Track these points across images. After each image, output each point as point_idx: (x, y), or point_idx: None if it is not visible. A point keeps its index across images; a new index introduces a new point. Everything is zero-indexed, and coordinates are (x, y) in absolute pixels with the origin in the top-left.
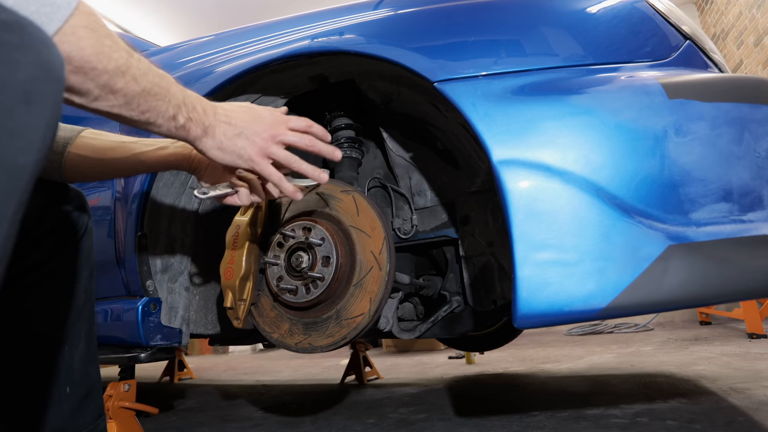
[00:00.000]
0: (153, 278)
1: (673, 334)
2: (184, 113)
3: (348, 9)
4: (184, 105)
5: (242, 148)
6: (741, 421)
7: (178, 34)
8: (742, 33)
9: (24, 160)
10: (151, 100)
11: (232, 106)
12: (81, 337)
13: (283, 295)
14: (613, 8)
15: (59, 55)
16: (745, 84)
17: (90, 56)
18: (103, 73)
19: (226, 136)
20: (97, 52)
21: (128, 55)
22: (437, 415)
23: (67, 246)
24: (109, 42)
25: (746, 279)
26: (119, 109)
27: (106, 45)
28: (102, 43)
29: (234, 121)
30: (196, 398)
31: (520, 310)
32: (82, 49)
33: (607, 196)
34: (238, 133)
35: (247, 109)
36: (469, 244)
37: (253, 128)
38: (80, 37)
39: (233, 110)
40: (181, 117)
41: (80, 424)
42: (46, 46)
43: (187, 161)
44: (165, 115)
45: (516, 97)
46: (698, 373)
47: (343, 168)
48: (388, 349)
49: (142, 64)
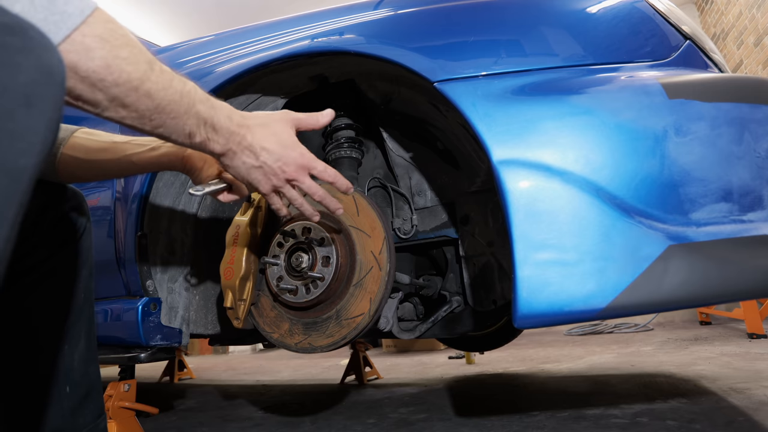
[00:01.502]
0: (153, 278)
1: (673, 334)
2: (202, 133)
3: (348, 9)
4: (205, 126)
5: (257, 180)
6: (741, 421)
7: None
8: (742, 33)
9: (24, 162)
10: (165, 117)
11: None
12: (81, 337)
13: (283, 295)
14: (613, 8)
15: (60, 59)
16: (745, 84)
17: (99, 68)
18: (112, 85)
19: (245, 165)
20: (108, 64)
21: (148, 67)
22: (437, 415)
23: (67, 246)
24: (125, 53)
25: (746, 279)
26: (131, 121)
27: (120, 57)
28: (115, 55)
29: (258, 152)
30: (196, 398)
31: (520, 310)
32: (90, 60)
33: (607, 196)
34: (258, 167)
35: (278, 140)
36: (469, 244)
37: (274, 166)
38: (89, 48)
39: (264, 137)
40: (198, 137)
41: (80, 424)
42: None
43: (180, 162)
44: (181, 132)
45: (516, 97)
46: (698, 373)
47: (343, 168)
48: (388, 349)
49: (163, 79)
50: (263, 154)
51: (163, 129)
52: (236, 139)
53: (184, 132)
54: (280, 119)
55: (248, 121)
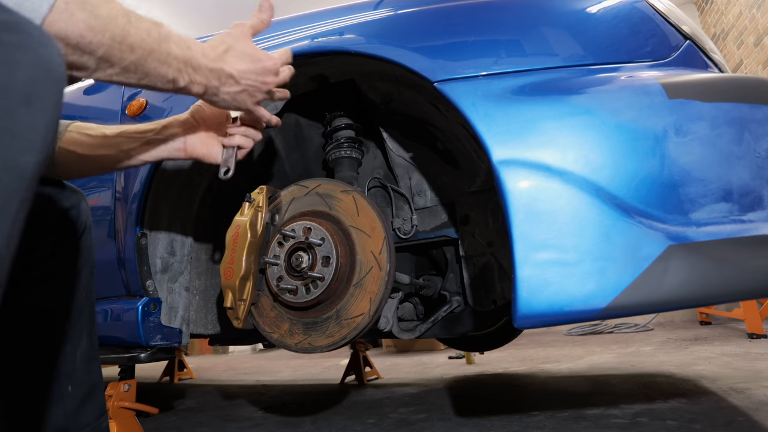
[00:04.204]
0: (153, 278)
1: (673, 334)
2: (185, 77)
3: (348, 9)
4: (186, 67)
5: (242, 102)
6: (741, 421)
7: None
8: (742, 33)
9: (26, 160)
10: (148, 67)
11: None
12: (83, 335)
13: (283, 295)
14: (613, 8)
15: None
16: (745, 84)
17: (84, 31)
18: (99, 46)
19: (229, 94)
20: (91, 26)
21: (126, 20)
22: (437, 415)
23: (68, 243)
24: (104, 11)
25: (746, 279)
26: (117, 78)
27: (101, 16)
28: (96, 15)
29: (239, 78)
30: (196, 398)
31: (520, 310)
32: (75, 25)
33: (607, 196)
34: (242, 90)
35: (250, 58)
36: (469, 244)
37: (257, 83)
38: (73, 13)
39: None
40: (181, 80)
41: (83, 423)
42: (44, 46)
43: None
44: (164, 79)
45: (516, 97)
46: (698, 373)
47: (343, 168)
48: (388, 349)
49: (140, 29)
50: (244, 78)
51: (147, 80)
52: (216, 74)
53: (167, 78)
54: (240, 36)
55: (219, 51)
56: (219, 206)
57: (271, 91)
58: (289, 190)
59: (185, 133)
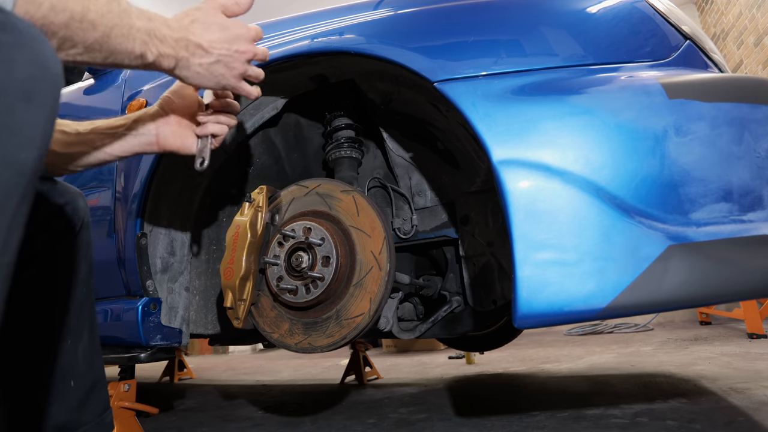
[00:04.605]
0: (153, 278)
1: (673, 334)
2: (152, 50)
3: (348, 9)
4: (151, 39)
5: (221, 76)
6: (741, 421)
7: None
8: (742, 33)
9: (26, 156)
10: (112, 44)
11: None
12: (83, 331)
13: (283, 295)
14: (613, 8)
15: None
16: (745, 84)
17: (47, 11)
18: (61, 27)
19: (202, 66)
20: (52, 5)
21: None
22: (437, 415)
23: (65, 239)
24: None
25: (746, 279)
26: (82, 58)
27: None
28: None
29: (208, 47)
30: (196, 398)
31: (520, 310)
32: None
33: (607, 196)
34: (216, 61)
35: (218, 26)
36: (469, 244)
37: (230, 52)
38: None
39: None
40: (149, 54)
41: (86, 419)
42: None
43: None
44: (131, 55)
45: (516, 97)
46: (698, 373)
47: (343, 168)
48: (388, 349)
49: (99, 4)
50: (213, 47)
51: (113, 58)
52: (182, 44)
53: (134, 54)
54: (206, 8)
55: (184, 23)
56: (219, 206)
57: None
58: (289, 190)
59: (157, 126)
